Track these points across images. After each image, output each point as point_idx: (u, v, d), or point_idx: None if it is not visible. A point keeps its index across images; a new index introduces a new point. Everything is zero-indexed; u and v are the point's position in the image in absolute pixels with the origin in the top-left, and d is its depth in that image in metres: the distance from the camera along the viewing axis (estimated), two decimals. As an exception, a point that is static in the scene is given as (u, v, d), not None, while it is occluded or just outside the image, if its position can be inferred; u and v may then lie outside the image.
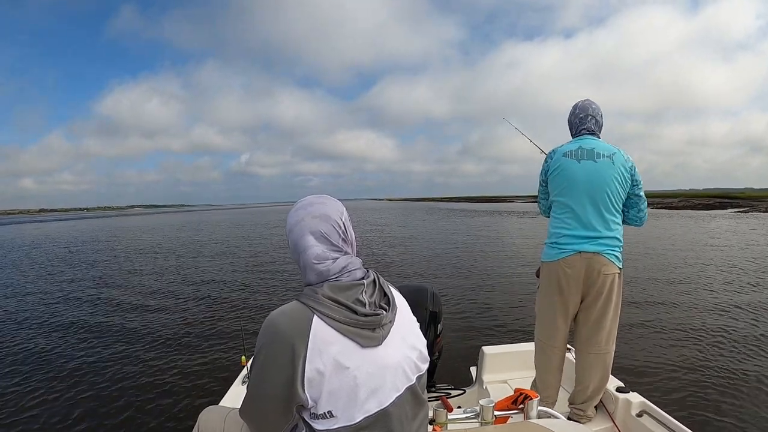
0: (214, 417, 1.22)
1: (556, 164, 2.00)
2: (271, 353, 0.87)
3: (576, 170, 1.94)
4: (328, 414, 0.87)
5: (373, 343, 0.89)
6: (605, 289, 1.90)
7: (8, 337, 5.40)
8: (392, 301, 0.98)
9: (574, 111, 2.09)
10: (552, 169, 2.03)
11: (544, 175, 2.11)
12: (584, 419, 1.97)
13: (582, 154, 1.95)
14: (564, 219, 1.97)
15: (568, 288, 1.93)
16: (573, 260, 1.91)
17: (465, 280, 8.15)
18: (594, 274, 1.89)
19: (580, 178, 1.92)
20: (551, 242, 2.01)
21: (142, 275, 10.01)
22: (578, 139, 2.02)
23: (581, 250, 1.89)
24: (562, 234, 1.95)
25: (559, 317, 1.99)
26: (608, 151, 1.93)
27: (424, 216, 37.80)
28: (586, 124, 2.03)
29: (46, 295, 8.04)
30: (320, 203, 1.01)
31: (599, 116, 2.06)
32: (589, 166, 1.92)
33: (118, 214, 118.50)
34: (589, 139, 2.00)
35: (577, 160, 1.94)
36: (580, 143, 1.99)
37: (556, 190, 2.02)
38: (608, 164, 1.91)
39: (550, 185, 2.06)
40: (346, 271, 0.95)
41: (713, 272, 8.50)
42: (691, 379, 3.67)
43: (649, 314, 5.62)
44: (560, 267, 1.93)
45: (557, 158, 2.01)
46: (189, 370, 4.15)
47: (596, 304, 1.92)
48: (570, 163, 1.96)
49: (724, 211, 34.00)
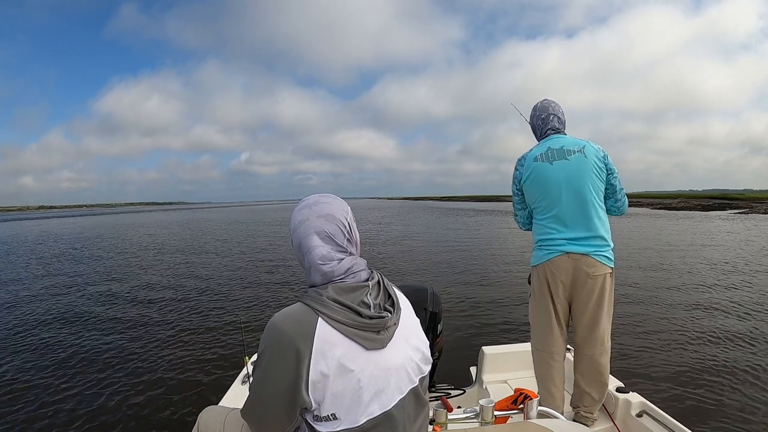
0: (213, 417, 1.21)
1: (528, 170, 1.95)
2: (274, 356, 0.86)
3: (550, 173, 1.88)
4: (331, 416, 0.86)
5: (377, 345, 0.89)
6: (596, 290, 1.85)
7: (6, 334, 5.39)
8: (397, 303, 0.97)
9: (535, 113, 2.05)
10: (525, 177, 1.97)
11: (517, 184, 2.04)
12: (590, 422, 1.94)
13: (552, 155, 1.90)
14: (547, 224, 1.92)
15: (556, 290, 1.89)
16: (560, 261, 1.86)
17: (465, 280, 8.15)
18: (582, 276, 1.84)
19: (556, 179, 1.87)
20: (538, 245, 1.97)
21: (142, 274, 10.01)
22: (545, 140, 1.97)
23: (568, 251, 1.85)
24: (548, 237, 1.91)
25: (554, 322, 1.94)
26: (578, 146, 1.89)
27: (424, 215, 37.80)
28: (549, 124, 1.99)
29: (45, 292, 8.03)
30: (325, 202, 0.99)
31: (561, 113, 2.02)
32: (563, 165, 1.87)
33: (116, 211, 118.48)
34: (555, 138, 1.95)
35: (549, 162, 1.89)
36: (548, 144, 1.94)
37: (533, 197, 1.96)
38: (581, 159, 1.86)
39: (526, 193, 2.00)
40: (351, 273, 0.94)
41: (712, 273, 8.51)
42: (691, 379, 3.68)
43: (648, 314, 5.63)
44: (548, 269, 1.89)
45: (528, 164, 1.96)
46: (189, 369, 4.14)
47: (588, 306, 1.87)
48: (543, 167, 1.90)
49: (723, 212, 34.01)
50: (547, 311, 1.94)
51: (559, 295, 1.89)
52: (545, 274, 1.90)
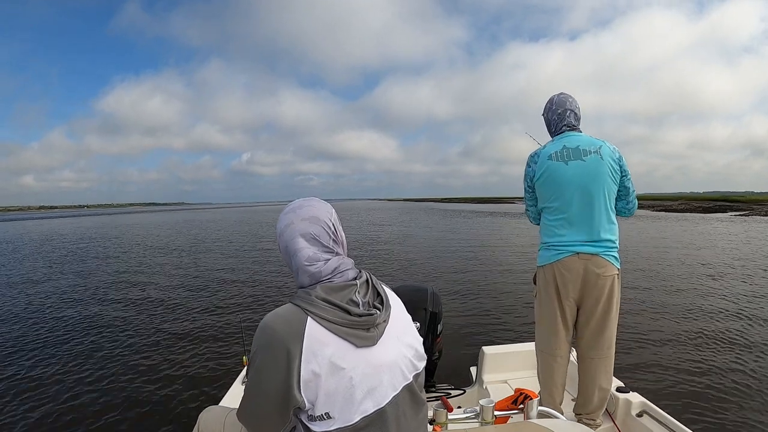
0: (214, 417, 1.22)
1: (542, 169, 1.88)
2: (266, 356, 0.87)
3: (564, 173, 1.82)
4: (325, 415, 0.87)
5: (368, 343, 0.90)
6: (605, 291, 1.81)
7: (4, 333, 5.40)
8: (386, 300, 0.98)
9: (551, 107, 1.96)
10: (538, 175, 1.90)
11: (529, 181, 1.96)
12: (594, 426, 1.91)
13: (568, 155, 1.83)
14: (557, 224, 1.87)
15: (565, 291, 1.84)
16: (570, 261, 1.82)
17: (465, 280, 8.15)
18: (592, 276, 1.80)
19: (571, 181, 1.81)
20: (546, 245, 1.91)
21: (142, 274, 10.01)
22: (560, 137, 1.90)
23: (579, 252, 1.81)
24: (557, 238, 1.86)
25: (560, 323, 1.89)
26: (594, 146, 1.83)
27: (424, 216, 37.81)
28: (565, 120, 1.92)
29: (45, 292, 8.04)
30: (309, 205, 1.01)
31: (578, 109, 1.94)
32: (579, 166, 1.81)
33: (118, 212, 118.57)
34: (571, 135, 1.88)
35: (565, 162, 1.82)
36: (564, 142, 1.87)
37: (545, 196, 1.90)
38: (597, 160, 1.81)
39: (538, 192, 1.93)
40: (338, 272, 0.95)
41: (712, 274, 8.50)
42: (691, 379, 3.68)
43: (648, 315, 5.63)
44: (557, 269, 1.84)
45: (542, 162, 1.88)
46: (189, 369, 4.14)
47: (597, 308, 1.83)
48: (557, 166, 1.83)
49: (724, 215, 33.99)
50: (553, 312, 1.89)
51: (568, 296, 1.85)
52: (554, 274, 1.85)
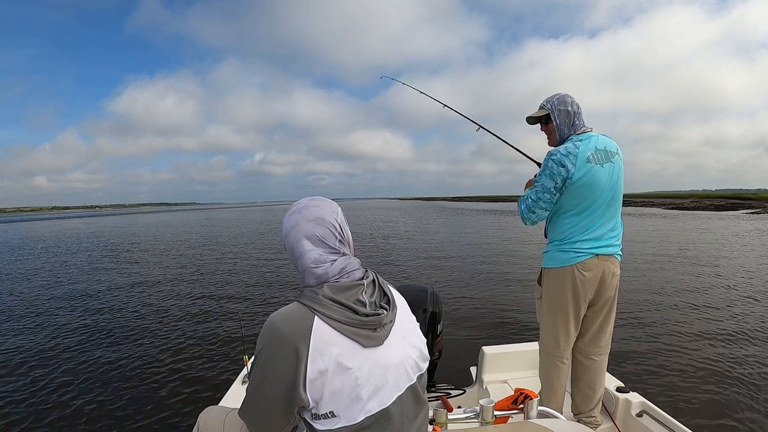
0: (214, 417, 1.22)
1: (582, 171, 1.72)
2: (272, 355, 0.87)
3: (602, 176, 1.73)
4: (329, 414, 0.87)
5: (374, 343, 0.89)
6: (614, 291, 1.84)
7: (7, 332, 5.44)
8: (392, 300, 0.98)
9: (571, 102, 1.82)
10: (577, 177, 1.72)
11: (559, 182, 1.75)
12: (594, 426, 1.92)
13: (601, 157, 1.74)
14: (581, 225, 1.78)
15: (584, 293, 1.79)
16: (591, 264, 1.77)
17: (465, 280, 8.11)
18: (609, 277, 1.79)
19: (607, 184, 1.75)
20: (563, 245, 1.81)
21: (144, 273, 10.06)
22: (586, 137, 1.78)
23: (599, 254, 1.77)
24: (579, 238, 1.78)
25: (570, 326, 1.86)
26: (615, 147, 1.80)
27: (432, 215, 37.71)
28: (581, 119, 1.84)
29: (45, 292, 8.11)
30: (315, 206, 1.00)
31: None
32: (610, 168, 1.75)
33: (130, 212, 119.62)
34: (594, 136, 1.79)
35: (601, 165, 1.73)
36: (594, 143, 1.76)
37: (578, 198, 1.76)
38: (619, 161, 1.79)
39: (571, 194, 1.76)
40: (345, 273, 0.95)
41: (714, 273, 8.39)
42: (691, 378, 3.65)
43: (649, 314, 5.57)
44: (577, 271, 1.77)
45: (581, 164, 1.72)
46: (189, 369, 4.12)
47: (605, 308, 1.85)
48: (596, 170, 1.73)
49: (735, 212, 33.46)
50: (565, 315, 1.84)
51: (585, 299, 1.81)
52: (573, 276, 1.78)
